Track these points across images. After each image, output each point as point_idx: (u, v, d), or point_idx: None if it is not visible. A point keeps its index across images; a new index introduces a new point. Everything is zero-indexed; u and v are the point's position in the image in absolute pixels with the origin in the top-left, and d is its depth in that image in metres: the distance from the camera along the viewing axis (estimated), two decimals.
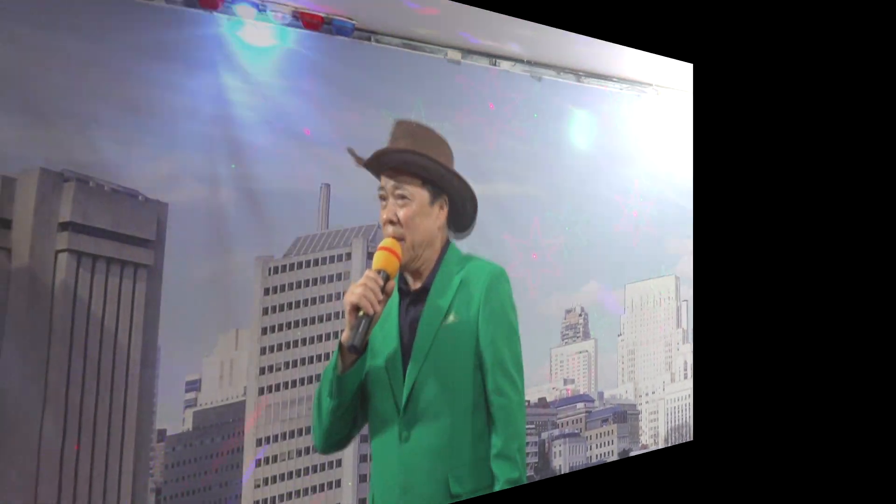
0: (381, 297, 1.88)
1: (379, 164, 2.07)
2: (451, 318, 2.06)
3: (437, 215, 2.12)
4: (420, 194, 2.08)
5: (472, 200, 2.22)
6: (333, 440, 2.01)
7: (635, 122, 3.26)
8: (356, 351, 1.90)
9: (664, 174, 3.41)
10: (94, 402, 1.84)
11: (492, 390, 2.08)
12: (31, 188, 1.77)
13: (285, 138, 2.20)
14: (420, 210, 2.07)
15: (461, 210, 2.19)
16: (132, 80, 1.93)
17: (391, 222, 2.04)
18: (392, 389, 2.05)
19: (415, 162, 2.08)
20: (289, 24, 2.21)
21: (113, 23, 1.90)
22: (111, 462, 1.86)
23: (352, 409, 2.02)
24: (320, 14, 2.26)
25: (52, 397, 1.79)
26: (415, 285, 2.11)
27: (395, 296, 2.09)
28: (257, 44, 2.15)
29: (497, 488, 2.01)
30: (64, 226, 1.82)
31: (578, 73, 3.04)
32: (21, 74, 1.76)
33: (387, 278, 1.92)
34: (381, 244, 1.97)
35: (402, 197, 2.05)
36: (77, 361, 1.82)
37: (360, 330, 1.85)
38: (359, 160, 2.04)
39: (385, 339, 2.06)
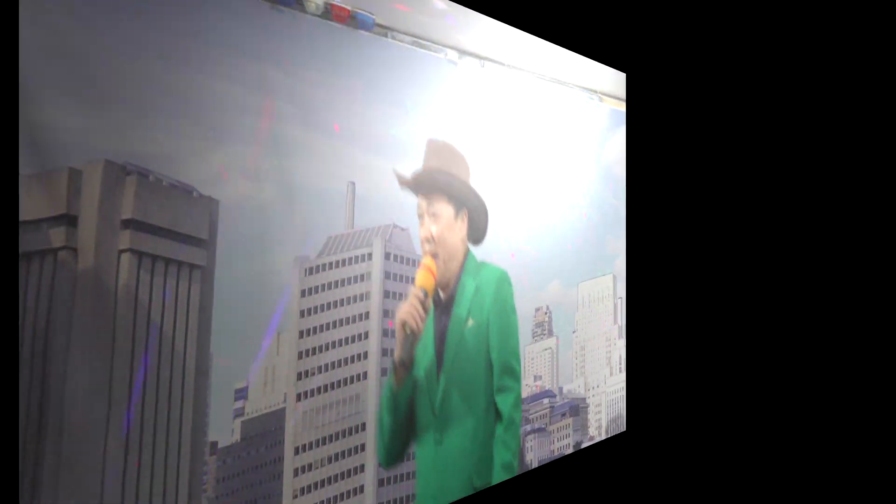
0: (423, 314, 2.21)
1: (416, 184, 2.37)
2: (469, 322, 2.36)
3: (460, 228, 2.46)
4: (447, 210, 2.42)
5: (484, 212, 2.54)
6: (393, 454, 2.28)
7: (585, 126, 3.55)
8: (405, 366, 2.19)
9: (604, 176, 3.72)
10: (153, 415, 1.78)
11: (497, 389, 2.42)
12: (96, 182, 1.67)
13: (317, 134, 2.21)
14: (447, 225, 2.41)
15: (477, 221, 2.51)
16: (185, 67, 1.87)
17: (427, 240, 2.36)
18: (429, 397, 2.31)
19: (441, 180, 2.43)
20: (321, 16, 2.23)
21: (166, 2, 1.84)
22: (169, 479, 1.80)
23: (406, 423, 2.29)
24: (347, 7, 2.30)
25: (115, 412, 1.71)
26: (443, 295, 2.39)
27: (431, 308, 2.35)
28: (294, 34, 2.15)
29: (495, 472, 2.33)
30: (126, 223, 1.73)
31: (545, 78, 3.27)
32: (83, 54, 1.66)
33: (426, 295, 2.23)
34: (421, 262, 2.28)
35: (434, 215, 2.39)
36: (138, 372, 1.74)
37: (408, 345, 2.14)
38: (403, 181, 2.30)
39: (424, 351, 2.33)
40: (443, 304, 2.35)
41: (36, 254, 1.57)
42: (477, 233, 2.43)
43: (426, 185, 2.34)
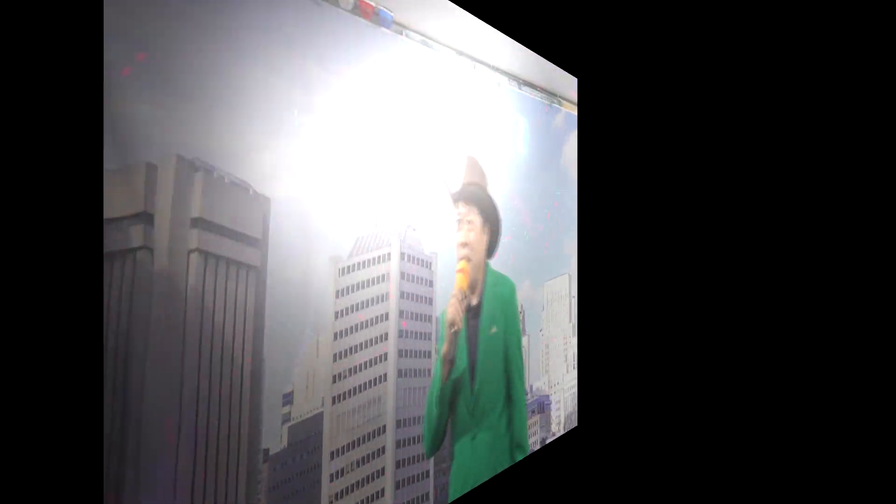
0: (462, 313, 2.44)
1: (459, 196, 2.55)
2: (492, 329, 2.57)
3: (484, 238, 2.66)
4: (476, 220, 2.61)
5: (499, 228, 2.75)
6: (436, 443, 2.39)
7: (549, 129, 3.69)
8: (451, 361, 2.38)
9: (561, 178, 3.89)
10: (217, 423, 1.73)
11: (509, 390, 2.63)
12: (169, 178, 1.61)
13: (348, 129, 2.21)
14: (477, 235, 2.60)
15: (495, 235, 2.74)
16: (245, 60, 1.83)
17: (463, 245, 2.57)
18: (465, 400, 2.47)
19: (475, 192, 2.66)
20: (351, 12, 2.23)
21: None
22: (229, 489, 1.76)
23: (448, 419, 2.44)
24: (372, 3, 2.31)
25: (186, 421, 1.66)
26: (472, 300, 2.58)
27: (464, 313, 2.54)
28: (328, 29, 2.14)
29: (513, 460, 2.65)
30: (194, 222, 1.68)
31: (520, 81, 3.38)
32: (160, 45, 1.60)
33: (463, 296, 2.45)
34: (457, 267, 2.48)
35: (469, 222, 2.58)
36: (204, 380, 1.70)
37: (453, 341, 2.33)
38: (452, 195, 2.46)
39: (460, 354, 2.47)
40: (472, 309, 2.57)
41: (117, 253, 1.50)
42: (493, 245, 2.80)
43: (465, 195, 2.63)
